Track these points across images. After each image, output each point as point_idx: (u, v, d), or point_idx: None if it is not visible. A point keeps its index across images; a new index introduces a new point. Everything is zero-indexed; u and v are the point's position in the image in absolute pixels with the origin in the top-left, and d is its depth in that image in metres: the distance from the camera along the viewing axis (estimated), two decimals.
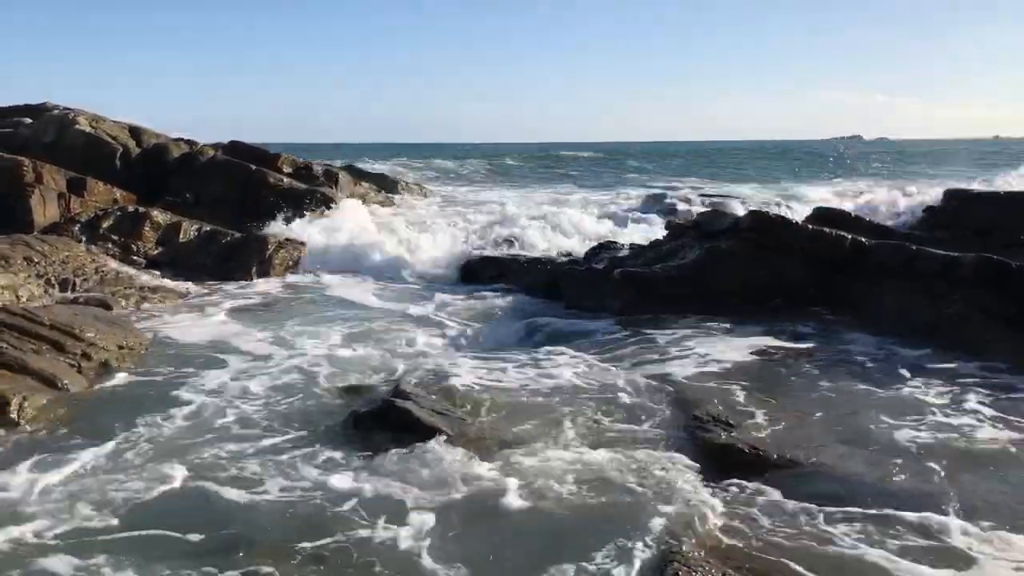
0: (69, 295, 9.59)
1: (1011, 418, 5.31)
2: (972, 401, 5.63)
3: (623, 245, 11.15)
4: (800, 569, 3.58)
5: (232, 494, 4.34)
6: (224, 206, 14.63)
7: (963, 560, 3.67)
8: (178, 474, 4.57)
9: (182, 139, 16.97)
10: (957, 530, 3.89)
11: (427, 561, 3.70)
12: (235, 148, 16.74)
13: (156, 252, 12.70)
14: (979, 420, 5.30)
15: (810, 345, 7.10)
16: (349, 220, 14.06)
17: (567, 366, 6.52)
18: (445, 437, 4.95)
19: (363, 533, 3.93)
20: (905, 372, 6.32)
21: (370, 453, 4.83)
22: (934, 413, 5.45)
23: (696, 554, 3.65)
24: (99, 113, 16.60)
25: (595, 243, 11.92)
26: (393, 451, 4.81)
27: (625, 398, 5.74)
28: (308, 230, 13.38)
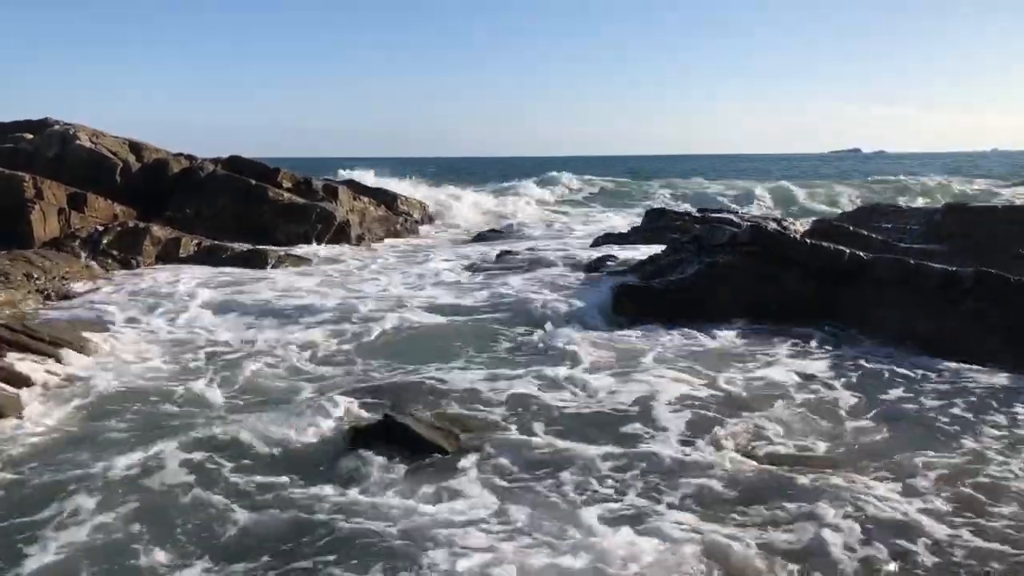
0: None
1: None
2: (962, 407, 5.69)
3: (622, 259, 11.21)
4: None
5: (229, 503, 4.34)
6: (224, 221, 14.71)
7: None
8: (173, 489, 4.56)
9: (182, 154, 17.05)
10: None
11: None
12: (235, 163, 16.81)
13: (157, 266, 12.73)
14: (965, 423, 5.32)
15: (808, 359, 7.11)
16: None
17: (562, 380, 6.50)
18: (443, 453, 4.97)
19: (358, 546, 3.92)
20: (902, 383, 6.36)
21: (367, 469, 4.81)
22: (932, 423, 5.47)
23: None
24: (98, 127, 16.69)
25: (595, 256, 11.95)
26: (391, 467, 4.80)
27: (623, 412, 5.73)
28: None
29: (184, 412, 5.82)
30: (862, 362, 6.97)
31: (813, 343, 7.57)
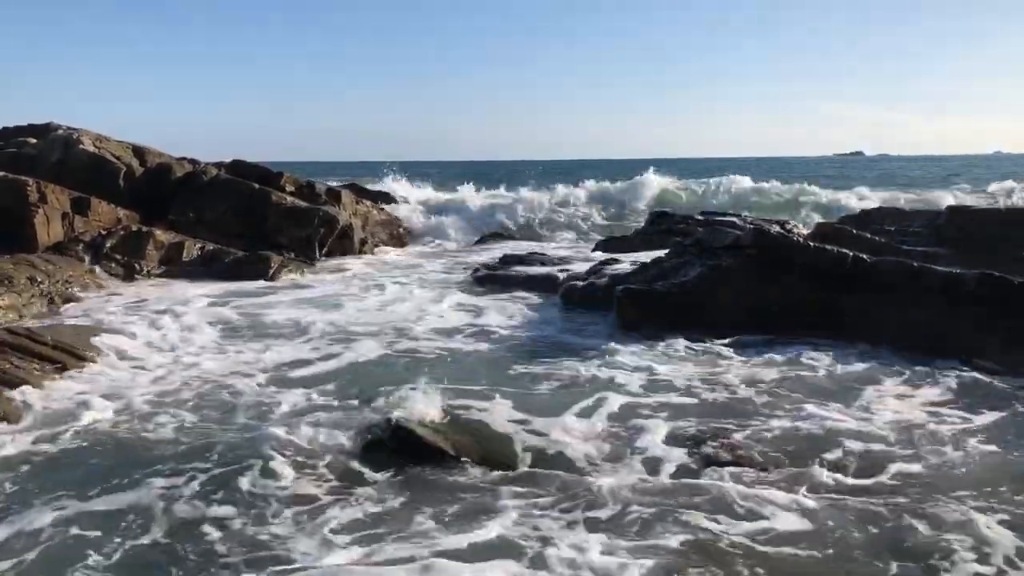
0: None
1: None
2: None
3: (625, 262, 11.19)
4: None
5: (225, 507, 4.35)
6: (227, 225, 14.72)
7: None
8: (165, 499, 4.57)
9: (185, 158, 17.09)
10: None
11: None
12: (237, 167, 16.81)
13: (159, 271, 12.78)
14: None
15: (807, 361, 7.13)
16: None
17: (562, 390, 6.49)
18: (449, 457, 4.97)
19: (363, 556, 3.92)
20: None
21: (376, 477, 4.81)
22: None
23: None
24: (100, 130, 16.71)
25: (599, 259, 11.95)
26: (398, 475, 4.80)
27: (622, 422, 5.73)
28: None
29: (182, 421, 5.82)
30: (850, 367, 6.97)
31: (806, 347, 7.58)
